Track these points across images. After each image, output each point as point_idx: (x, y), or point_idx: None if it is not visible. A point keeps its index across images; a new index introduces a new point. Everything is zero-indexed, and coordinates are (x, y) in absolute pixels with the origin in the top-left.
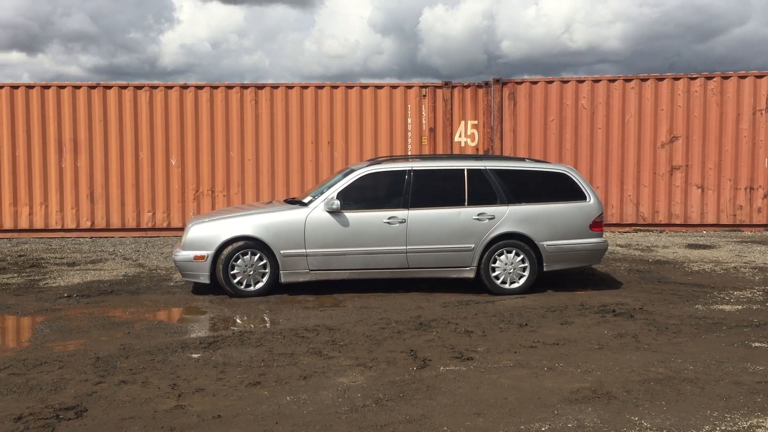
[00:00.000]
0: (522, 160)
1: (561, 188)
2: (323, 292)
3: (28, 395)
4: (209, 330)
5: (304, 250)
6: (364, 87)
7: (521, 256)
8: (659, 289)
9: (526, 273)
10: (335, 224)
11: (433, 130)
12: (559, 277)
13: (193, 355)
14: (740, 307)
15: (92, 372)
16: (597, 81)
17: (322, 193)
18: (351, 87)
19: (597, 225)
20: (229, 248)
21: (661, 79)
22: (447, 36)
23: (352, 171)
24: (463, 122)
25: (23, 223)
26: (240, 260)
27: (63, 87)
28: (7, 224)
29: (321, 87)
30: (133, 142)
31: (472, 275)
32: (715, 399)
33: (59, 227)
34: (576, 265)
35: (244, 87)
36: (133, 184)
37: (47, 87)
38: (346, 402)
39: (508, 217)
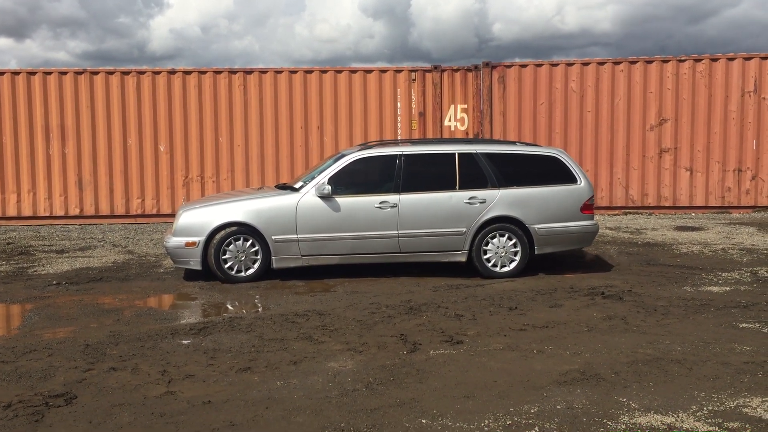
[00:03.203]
0: (513, 143)
1: (552, 171)
2: (314, 277)
3: (17, 383)
4: (199, 316)
5: (296, 236)
6: (354, 71)
7: (513, 240)
8: (648, 272)
9: (518, 256)
10: (326, 209)
11: (422, 114)
12: (550, 260)
13: (183, 342)
14: (728, 288)
15: (82, 359)
16: (586, 64)
17: (313, 178)
18: (340, 71)
19: (588, 208)
20: (221, 234)
21: (650, 62)
22: (438, 19)
23: (343, 156)
24: (452, 106)
25: (11, 211)
26: (231, 246)
27: (49, 73)
28: None
29: (310, 72)
30: (121, 128)
31: (464, 259)
32: (702, 379)
33: (48, 214)
34: (567, 247)
35: (233, 72)
36: (122, 170)
37: (33, 73)
38: (337, 386)
39: (499, 200)
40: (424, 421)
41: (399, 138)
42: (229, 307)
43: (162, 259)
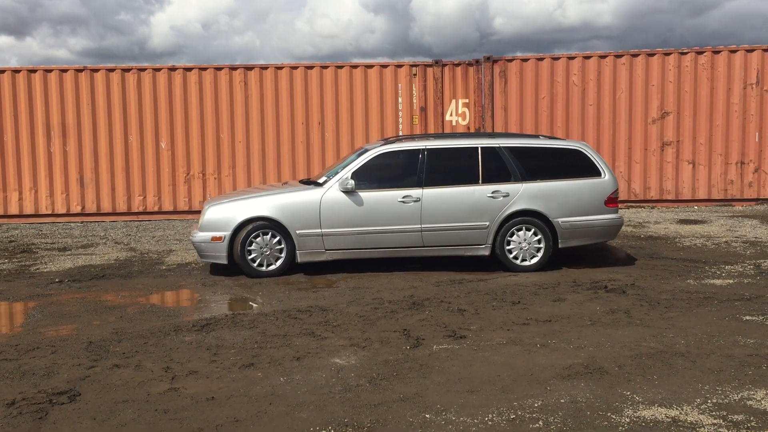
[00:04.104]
0: (536, 137)
1: (575, 165)
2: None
3: (20, 380)
4: (202, 313)
5: (320, 230)
6: (354, 67)
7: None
8: (651, 265)
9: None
10: (350, 204)
11: (424, 110)
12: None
13: (186, 338)
14: (731, 281)
15: (85, 356)
16: (588, 57)
17: (336, 173)
18: (341, 67)
19: (612, 201)
20: (246, 229)
21: (651, 55)
22: (439, 14)
23: (366, 151)
24: (454, 101)
25: (13, 209)
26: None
27: (50, 71)
28: None
29: (311, 67)
30: (121, 125)
31: (487, 253)
32: (706, 372)
33: (49, 212)
34: (591, 241)
35: (233, 68)
36: (123, 167)
37: (33, 71)
38: (340, 382)
39: (522, 194)
40: (427, 415)
41: (400, 133)
42: (232, 303)
43: (164, 256)
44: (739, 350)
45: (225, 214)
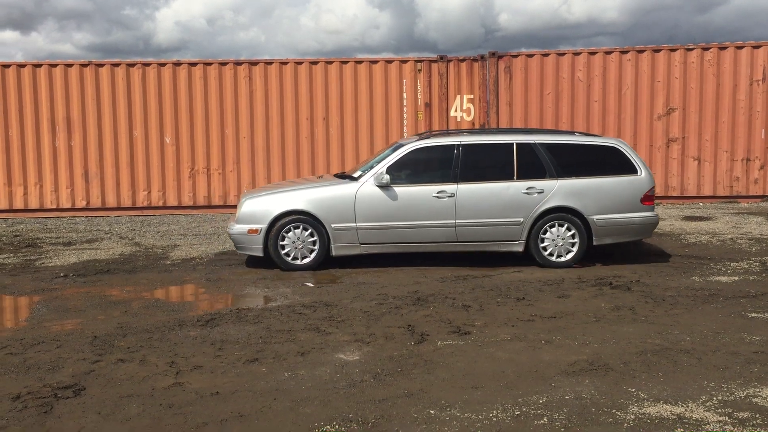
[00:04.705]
0: (571, 133)
1: (611, 161)
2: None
3: (25, 374)
4: (207, 308)
5: (354, 224)
6: (359, 62)
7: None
8: (656, 261)
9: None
10: (385, 198)
11: (428, 105)
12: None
13: (191, 333)
14: (737, 278)
15: (90, 351)
16: (593, 53)
17: (371, 167)
18: (346, 62)
19: (648, 199)
20: (281, 222)
21: (657, 51)
22: (444, 9)
23: (401, 146)
24: (458, 96)
25: (18, 203)
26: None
27: (55, 65)
28: (2, 204)
29: (315, 63)
30: (126, 120)
31: (521, 249)
32: (711, 369)
33: (54, 207)
34: (627, 238)
35: (238, 63)
36: (128, 162)
37: (39, 66)
38: (345, 377)
39: (557, 191)
40: (432, 411)
41: (405, 129)
42: (236, 298)
43: (168, 251)
44: (745, 347)
45: (261, 207)
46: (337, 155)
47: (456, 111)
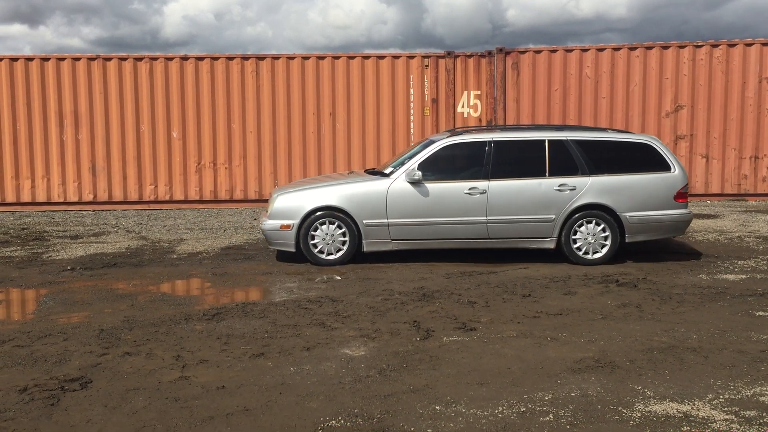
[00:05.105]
0: (604, 130)
1: (644, 158)
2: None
3: (33, 367)
4: (213, 302)
5: (386, 220)
6: (366, 57)
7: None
8: (663, 259)
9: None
10: (416, 195)
11: (435, 101)
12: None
13: (197, 327)
14: (744, 276)
15: (96, 344)
16: (601, 50)
17: (402, 163)
18: (353, 57)
19: (682, 196)
20: (313, 218)
21: (666, 48)
22: (452, 5)
23: (433, 142)
24: (465, 93)
25: (26, 197)
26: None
27: (62, 59)
28: (10, 197)
29: (322, 58)
30: (133, 114)
31: (552, 246)
32: (718, 368)
33: (61, 200)
34: (659, 236)
35: (245, 58)
36: (135, 156)
37: (47, 59)
38: (350, 373)
39: (589, 188)
40: (437, 407)
41: (411, 125)
42: (243, 292)
43: (175, 245)
44: (752, 346)
45: (294, 202)
46: (343, 150)
47: (463, 107)
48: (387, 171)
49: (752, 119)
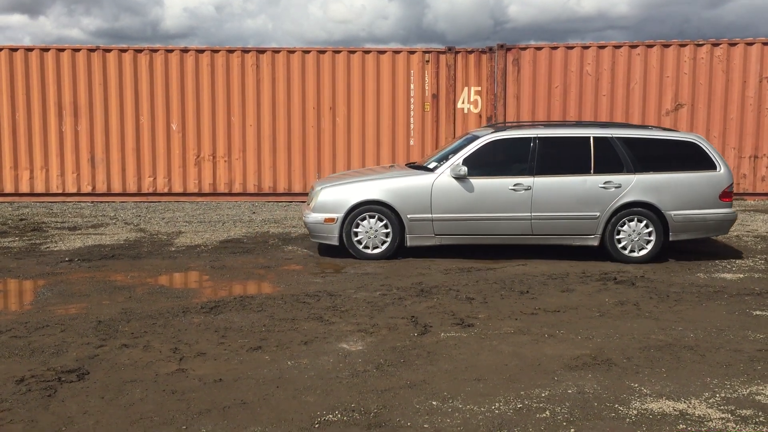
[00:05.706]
0: (648, 128)
1: (690, 157)
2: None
3: (30, 358)
4: (211, 295)
5: (430, 215)
6: (367, 52)
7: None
8: (661, 258)
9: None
10: (461, 190)
11: (435, 96)
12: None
13: (195, 320)
14: (742, 275)
15: (94, 335)
16: (602, 47)
17: (445, 158)
18: (353, 52)
19: (727, 195)
20: (357, 211)
21: (667, 46)
22: (453, 1)
23: (476, 137)
24: (466, 88)
25: (24, 187)
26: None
27: (62, 50)
28: (8, 188)
29: (323, 52)
30: (133, 106)
31: (596, 243)
32: (715, 366)
33: (60, 191)
34: (703, 235)
35: (246, 51)
36: (134, 148)
37: (46, 50)
38: (347, 367)
39: (634, 185)
40: (434, 403)
41: (411, 120)
42: (241, 285)
43: (173, 237)
44: (749, 345)
45: (338, 196)
46: (343, 145)
47: (463, 103)
48: (430, 166)
49: (752, 119)
